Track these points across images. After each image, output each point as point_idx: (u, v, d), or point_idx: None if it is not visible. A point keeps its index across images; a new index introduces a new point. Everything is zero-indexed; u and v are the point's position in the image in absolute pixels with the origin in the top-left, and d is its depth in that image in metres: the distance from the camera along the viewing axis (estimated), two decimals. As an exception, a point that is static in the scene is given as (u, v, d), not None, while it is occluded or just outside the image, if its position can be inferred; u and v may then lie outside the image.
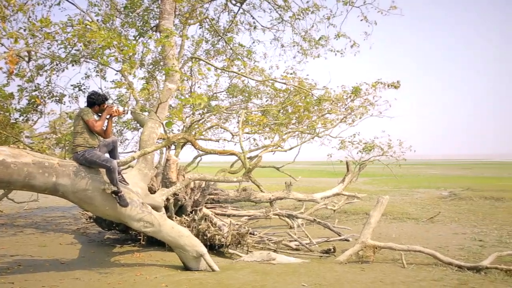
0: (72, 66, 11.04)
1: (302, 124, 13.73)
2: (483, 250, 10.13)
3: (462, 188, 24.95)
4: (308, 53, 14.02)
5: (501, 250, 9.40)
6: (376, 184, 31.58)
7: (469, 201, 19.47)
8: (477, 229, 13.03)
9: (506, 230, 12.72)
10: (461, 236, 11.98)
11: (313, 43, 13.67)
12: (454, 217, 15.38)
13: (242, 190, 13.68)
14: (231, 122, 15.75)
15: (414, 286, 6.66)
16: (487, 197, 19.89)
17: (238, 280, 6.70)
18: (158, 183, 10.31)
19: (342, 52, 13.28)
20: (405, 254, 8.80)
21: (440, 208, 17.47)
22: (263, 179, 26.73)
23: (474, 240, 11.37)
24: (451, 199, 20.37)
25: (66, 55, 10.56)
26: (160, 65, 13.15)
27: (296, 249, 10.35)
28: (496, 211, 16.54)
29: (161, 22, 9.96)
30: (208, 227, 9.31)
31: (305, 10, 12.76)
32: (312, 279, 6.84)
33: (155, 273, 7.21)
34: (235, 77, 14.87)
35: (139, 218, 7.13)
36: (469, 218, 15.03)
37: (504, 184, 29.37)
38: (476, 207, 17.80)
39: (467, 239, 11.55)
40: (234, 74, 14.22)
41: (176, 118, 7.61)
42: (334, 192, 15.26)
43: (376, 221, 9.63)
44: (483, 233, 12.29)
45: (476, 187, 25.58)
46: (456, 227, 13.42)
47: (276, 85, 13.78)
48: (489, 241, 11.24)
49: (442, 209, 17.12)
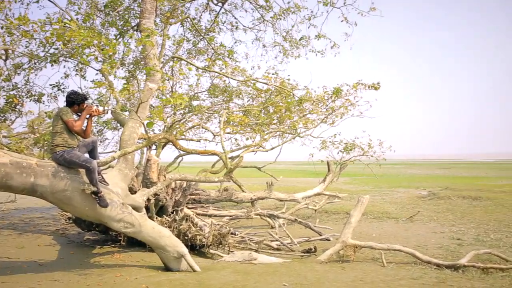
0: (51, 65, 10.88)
1: (284, 124, 13.77)
2: (461, 248, 10.30)
3: (441, 188, 25.33)
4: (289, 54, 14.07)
5: (478, 248, 9.58)
6: (357, 184, 31.85)
7: (448, 200, 19.76)
8: (455, 228, 13.24)
9: (483, 228, 12.95)
10: (440, 235, 12.17)
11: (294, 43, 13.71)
12: (433, 216, 15.60)
13: (224, 190, 13.66)
14: (213, 122, 15.73)
15: (394, 284, 6.74)
16: (465, 197, 20.21)
17: (219, 280, 6.70)
18: (138, 184, 10.23)
19: (322, 53, 13.37)
20: (385, 253, 8.91)
21: (419, 208, 17.71)
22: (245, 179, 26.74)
23: (452, 239, 11.55)
24: (430, 199, 20.65)
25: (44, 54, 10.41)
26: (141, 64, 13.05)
27: (277, 249, 10.38)
28: (473, 210, 16.83)
29: (142, 21, 9.88)
30: (189, 227, 9.28)
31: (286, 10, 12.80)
32: (293, 279, 6.87)
33: (136, 274, 7.16)
34: (216, 77, 14.84)
35: (119, 219, 7.08)
36: (448, 217, 15.26)
37: (481, 183, 29.92)
38: (454, 206, 18.08)
39: (445, 238, 11.73)
40: (215, 74, 14.19)
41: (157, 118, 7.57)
42: (315, 192, 15.34)
43: (357, 220, 9.72)
44: (461, 232, 12.49)
45: (454, 186, 26.01)
46: (435, 226, 13.62)
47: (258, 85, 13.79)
48: (467, 239, 11.44)
49: (421, 209, 17.36)
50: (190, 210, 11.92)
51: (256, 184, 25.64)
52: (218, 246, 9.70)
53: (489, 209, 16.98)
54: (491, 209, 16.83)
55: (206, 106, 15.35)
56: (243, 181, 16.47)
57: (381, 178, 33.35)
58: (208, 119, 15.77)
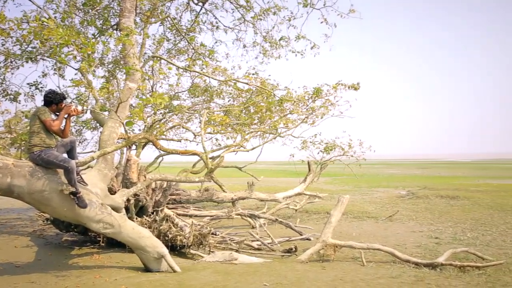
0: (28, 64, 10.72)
1: (264, 124, 13.80)
2: (438, 247, 10.44)
3: (420, 187, 25.68)
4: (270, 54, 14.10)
5: (455, 247, 9.72)
6: (337, 183, 32.07)
7: (426, 200, 20.02)
8: (433, 227, 13.42)
9: (461, 227, 13.16)
10: (418, 234, 12.32)
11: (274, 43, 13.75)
12: (412, 215, 15.79)
13: (204, 190, 13.62)
14: (193, 122, 15.68)
15: (373, 283, 6.81)
16: (443, 196, 20.51)
17: (199, 281, 6.68)
18: (118, 184, 10.14)
19: (302, 53, 13.43)
20: (365, 252, 8.98)
21: (398, 207, 17.92)
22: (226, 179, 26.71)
23: (431, 238, 11.70)
24: (409, 198, 20.90)
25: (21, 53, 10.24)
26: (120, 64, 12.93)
27: (258, 248, 10.39)
28: (451, 209, 17.08)
29: (121, 20, 9.80)
30: (169, 227, 9.23)
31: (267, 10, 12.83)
32: (274, 279, 6.89)
33: (115, 275, 7.09)
34: (197, 76, 14.80)
35: (98, 219, 7.00)
36: (426, 216, 15.46)
37: (458, 183, 30.43)
38: (432, 205, 18.33)
39: (424, 237, 11.88)
40: (196, 73, 14.14)
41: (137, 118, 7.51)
42: (296, 192, 15.40)
43: (337, 220, 9.78)
44: (439, 231, 12.67)
45: (433, 186, 26.40)
46: (414, 225, 13.79)
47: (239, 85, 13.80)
48: (445, 238, 11.60)
49: (400, 208, 17.55)
50: (171, 210, 11.86)
51: (237, 184, 25.63)
52: (199, 247, 9.66)
53: (466, 208, 17.26)
54: (468, 208, 17.11)
55: (187, 106, 15.29)
56: (224, 181, 16.45)
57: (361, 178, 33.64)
58: (189, 119, 15.72)
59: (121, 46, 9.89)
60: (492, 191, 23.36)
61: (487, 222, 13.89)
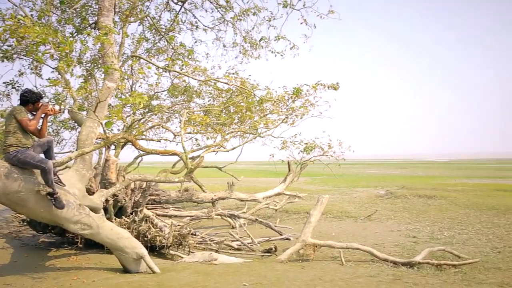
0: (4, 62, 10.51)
1: (244, 124, 13.80)
2: (416, 246, 10.60)
3: (398, 187, 26.01)
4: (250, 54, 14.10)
5: (432, 245, 9.88)
6: (317, 183, 32.26)
7: (404, 199, 20.30)
8: (411, 226, 13.61)
9: (437, 226, 13.37)
10: (397, 233, 12.48)
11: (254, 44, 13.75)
12: (390, 215, 15.98)
13: (184, 191, 13.56)
14: (173, 122, 15.59)
15: (352, 282, 6.87)
16: (420, 195, 20.82)
17: (179, 281, 6.66)
18: (97, 184, 10.04)
19: (282, 54, 13.46)
20: (344, 252, 9.07)
21: (377, 207, 18.12)
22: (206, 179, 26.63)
23: (408, 237, 11.87)
24: (387, 198, 21.15)
25: (-3, 51, 10.05)
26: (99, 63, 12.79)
27: (238, 249, 10.40)
28: (428, 208, 17.34)
29: (100, 19, 9.69)
30: (148, 228, 9.18)
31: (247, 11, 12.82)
32: (254, 279, 6.90)
33: (93, 277, 7.01)
34: (177, 76, 14.71)
35: (76, 220, 6.92)
36: (404, 216, 15.67)
37: (435, 182, 30.91)
38: (410, 205, 18.58)
39: (402, 236, 12.04)
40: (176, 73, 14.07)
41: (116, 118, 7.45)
42: (276, 192, 15.44)
43: (317, 220, 9.85)
44: (417, 230, 12.85)
45: (411, 186, 26.76)
46: (392, 225, 13.96)
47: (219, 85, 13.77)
48: (422, 237, 11.78)
49: (379, 207, 17.75)
50: (150, 210, 11.77)
51: (217, 184, 25.57)
52: (178, 247, 9.62)
53: (443, 207, 17.55)
54: (445, 208, 17.40)
55: (167, 105, 15.20)
56: (204, 181, 16.41)
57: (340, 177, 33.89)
58: (169, 119, 15.63)
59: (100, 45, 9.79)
60: (468, 191, 23.80)
61: (463, 221, 14.14)
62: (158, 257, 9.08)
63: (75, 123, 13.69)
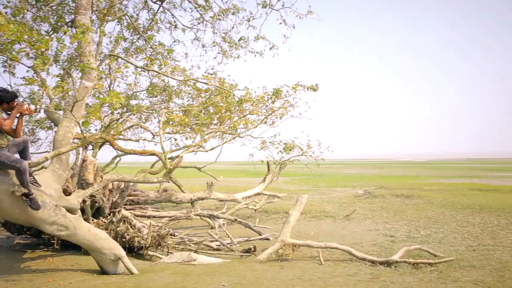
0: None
1: (224, 124, 13.77)
2: (393, 245, 10.73)
3: (376, 187, 26.30)
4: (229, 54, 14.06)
5: (409, 244, 10.02)
6: (296, 183, 32.41)
7: (382, 199, 20.54)
8: (388, 225, 13.78)
9: (414, 225, 13.57)
10: (374, 232, 12.62)
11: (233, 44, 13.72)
12: (368, 214, 16.15)
13: (163, 191, 13.45)
14: (152, 122, 15.45)
15: (330, 282, 6.93)
16: (398, 195, 21.10)
17: (157, 282, 6.62)
18: (73, 185, 9.90)
19: (261, 54, 13.46)
20: (323, 251, 9.14)
21: (355, 206, 18.28)
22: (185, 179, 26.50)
23: (386, 236, 12.01)
24: (365, 197, 21.37)
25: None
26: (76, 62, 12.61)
27: (217, 249, 10.38)
28: (406, 208, 17.58)
29: (77, 17, 9.55)
30: (127, 229, 9.10)
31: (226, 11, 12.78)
32: (233, 279, 6.90)
33: (69, 278, 6.93)
34: (155, 76, 14.60)
35: (52, 221, 6.82)
36: (382, 215, 15.85)
37: (412, 182, 31.36)
38: (388, 204, 18.81)
39: (379, 235, 12.18)
40: (154, 73, 13.96)
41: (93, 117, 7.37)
42: (255, 192, 15.45)
43: (296, 219, 9.89)
44: (394, 229, 13.02)
45: (388, 185, 27.11)
46: (370, 224, 14.11)
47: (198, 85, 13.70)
48: (399, 236, 11.94)
49: (357, 207, 17.92)
50: (128, 211, 11.66)
51: (196, 184, 25.48)
52: (157, 248, 9.56)
53: (420, 206, 17.81)
54: (421, 207, 17.66)
55: (145, 105, 15.07)
56: (183, 181, 16.31)
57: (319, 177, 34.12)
58: (147, 118, 15.50)
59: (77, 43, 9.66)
60: (444, 190, 24.22)
61: (439, 220, 14.38)
62: (137, 258, 9.01)
63: (51, 123, 13.47)
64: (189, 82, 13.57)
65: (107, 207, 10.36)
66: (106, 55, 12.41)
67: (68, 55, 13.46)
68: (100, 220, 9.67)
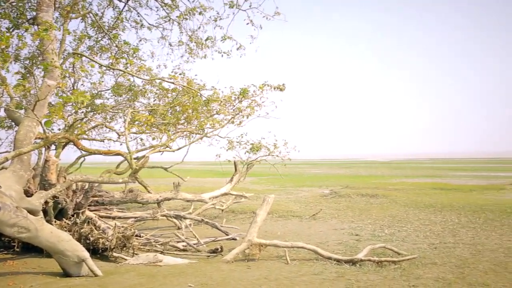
0: None
1: (191, 124, 13.71)
2: (358, 244, 10.91)
3: (342, 186, 26.65)
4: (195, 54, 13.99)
5: (374, 243, 10.21)
6: (263, 183, 32.54)
7: (348, 198, 20.85)
8: (354, 224, 14.00)
9: (379, 224, 13.83)
10: (340, 232, 12.79)
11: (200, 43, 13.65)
12: (334, 213, 16.37)
13: (129, 192, 13.30)
14: (118, 122, 15.24)
15: (297, 281, 7.00)
16: (363, 194, 21.45)
17: (122, 284, 6.54)
18: (35, 186, 9.69)
19: (228, 54, 13.44)
20: (289, 251, 9.21)
21: (321, 206, 18.49)
22: (151, 179, 26.23)
23: (351, 235, 12.20)
24: (331, 197, 21.64)
25: None
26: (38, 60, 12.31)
27: (183, 250, 10.32)
28: (370, 207, 17.90)
29: (39, 14, 9.32)
30: (91, 230, 8.94)
31: (192, 10, 12.70)
32: (199, 279, 6.88)
33: (31, 281, 6.75)
34: (121, 75, 14.40)
35: (12, 223, 6.64)
36: (347, 214, 16.09)
37: (377, 182, 31.96)
38: (353, 204, 19.11)
39: (345, 234, 12.36)
40: (120, 72, 13.76)
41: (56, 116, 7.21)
42: (222, 192, 15.43)
43: (262, 219, 9.94)
44: (359, 228, 13.23)
45: (354, 185, 27.50)
46: (336, 223, 14.30)
47: (164, 85, 13.58)
48: (364, 235, 12.14)
49: (323, 207, 18.13)
50: (93, 212, 11.48)
51: (163, 184, 25.28)
52: (122, 249, 9.43)
53: (384, 206, 18.18)
54: (386, 206, 18.03)
55: (110, 105, 14.85)
56: (149, 182, 16.17)
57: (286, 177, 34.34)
58: (113, 118, 15.28)
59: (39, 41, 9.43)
60: (408, 190, 24.80)
61: (403, 219, 14.70)
62: (101, 259, 8.86)
63: (12, 122, 13.13)
64: (155, 82, 13.45)
65: (70, 208, 10.17)
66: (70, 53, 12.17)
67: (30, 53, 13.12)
68: (63, 221, 9.48)
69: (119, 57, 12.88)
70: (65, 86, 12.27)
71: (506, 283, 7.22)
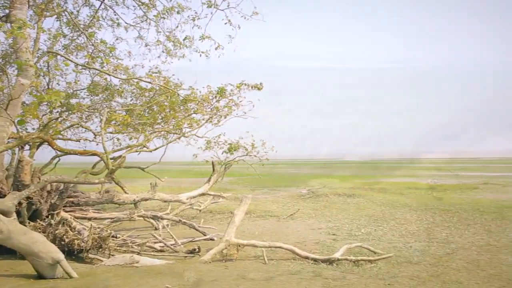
0: None
1: (168, 124, 13.63)
2: (335, 243, 11.01)
3: (319, 186, 26.81)
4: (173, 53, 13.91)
5: (351, 242, 10.32)
6: (241, 183, 32.53)
7: (325, 198, 20.97)
8: (331, 224, 14.11)
9: (356, 224, 13.98)
10: (317, 231, 12.89)
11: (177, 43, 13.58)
12: (312, 213, 16.46)
13: (105, 192, 13.12)
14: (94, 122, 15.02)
15: (274, 280, 7.04)
16: (340, 194, 21.61)
17: (98, 286, 6.48)
18: (9, 186, 9.52)
19: (207, 54, 13.40)
20: (267, 251, 9.25)
21: (299, 205, 18.56)
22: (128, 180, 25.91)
23: (329, 234, 12.31)
24: (309, 197, 21.75)
25: None
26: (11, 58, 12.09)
27: (161, 250, 10.25)
28: (347, 207, 18.07)
29: (12, 11, 9.15)
30: (66, 231, 8.81)
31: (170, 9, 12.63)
32: (176, 280, 6.86)
33: (3, 284, 6.63)
34: (97, 74, 14.22)
35: (-16, 225, 6.51)
36: (325, 214, 16.20)
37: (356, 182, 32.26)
38: (331, 203, 19.25)
39: (322, 234, 12.46)
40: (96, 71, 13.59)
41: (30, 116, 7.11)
42: (199, 192, 15.35)
43: (240, 219, 9.96)
44: (336, 228, 13.35)
45: (331, 185, 27.71)
46: (313, 223, 14.40)
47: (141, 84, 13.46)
48: (341, 234, 12.26)
49: (301, 206, 18.20)
50: (68, 213, 11.29)
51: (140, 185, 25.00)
52: (98, 250, 9.31)
53: (361, 205, 18.37)
54: (362, 206, 18.22)
55: (86, 104, 14.65)
56: (126, 182, 15.99)
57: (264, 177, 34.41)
58: (89, 118, 15.06)
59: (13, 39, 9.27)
60: (384, 189, 25.08)
61: (379, 218, 14.89)
62: (76, 261, 8.73)
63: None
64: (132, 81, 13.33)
65: (44, 209, 10.01)
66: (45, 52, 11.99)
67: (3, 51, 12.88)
68: (38, 223, 9.32)
69: (95, 56, 12.73)
70: (40, 85, 12.08)
71: (478, 280, 7.39)
